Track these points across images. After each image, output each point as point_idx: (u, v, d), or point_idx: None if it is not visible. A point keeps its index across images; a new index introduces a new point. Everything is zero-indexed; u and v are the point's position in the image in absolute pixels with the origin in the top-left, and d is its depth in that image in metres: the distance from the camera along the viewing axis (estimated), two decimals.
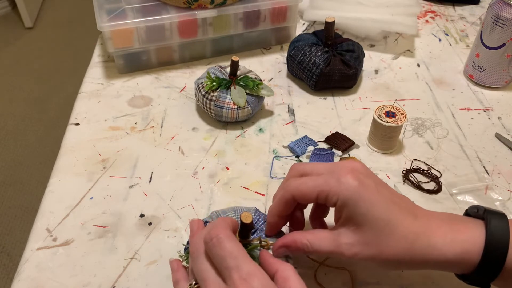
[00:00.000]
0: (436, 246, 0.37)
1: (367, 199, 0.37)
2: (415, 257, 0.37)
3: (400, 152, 0.61)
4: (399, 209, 0.38)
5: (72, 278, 0.46)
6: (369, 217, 0.37)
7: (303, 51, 0.68)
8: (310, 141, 0.61)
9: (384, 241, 0.37)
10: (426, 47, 0.82)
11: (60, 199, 0.54)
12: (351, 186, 0.37)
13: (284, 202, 0.41)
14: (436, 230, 0.38)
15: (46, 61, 2.23)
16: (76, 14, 2.59)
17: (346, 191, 0.37)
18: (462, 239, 0.37)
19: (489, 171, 0.58)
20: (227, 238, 0.34)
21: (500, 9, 0.65)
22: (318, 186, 0.39)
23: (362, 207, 0.37)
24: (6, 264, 1.38)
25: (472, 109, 0.68)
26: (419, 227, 0.38)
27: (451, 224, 0.38)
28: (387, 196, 0.38)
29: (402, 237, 0.37)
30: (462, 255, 0.36)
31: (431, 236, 0.37)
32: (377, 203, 0.37)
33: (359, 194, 0.37)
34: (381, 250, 0.37)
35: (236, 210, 0.45)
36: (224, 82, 0.62)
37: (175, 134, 0.63)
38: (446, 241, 0.37)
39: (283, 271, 0.35)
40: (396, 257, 0.37)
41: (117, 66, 0.73)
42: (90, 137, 0.62)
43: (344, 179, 0.38)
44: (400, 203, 0.39)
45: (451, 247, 0.37)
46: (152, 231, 0.50)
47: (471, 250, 0.36)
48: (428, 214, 0.40)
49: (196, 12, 0.70)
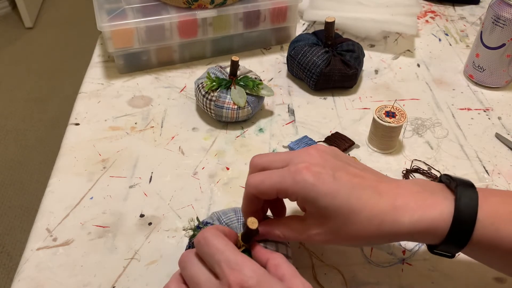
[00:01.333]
0: (403, 224, 0.36)
1: (325, 193, 0.36)
2: (383, 235, 0.37)
3: (400, 152, 0.61)
4: (362, 190, 0.37)
5: (72, 278, 0.46)
6: (331, 209, 0.37)
7: (303, 51, 0.68)
8: (310, 141, 0.61)
9: (351, 228, 0.37)
10: (426, 47, 0.82)
11: (60, 199, 0.54)
12: (307, 183, 0.37)
13: (249, 200, 0.41)
14: (403, 208, 0.37)
15: (46, 61, 2.23)
16: (76, 14, 2.59)
17: (303, 190, 0.37)
18: (430, 217, 0.36)
19: (489, 171, 0.58)
20: (212, 236, 0.35)
21: (500, 9, 0.65)
22: (275, 184, 0.38)
23: (322, 202, 0.37)
24: (6, 264, 1.38)
25: (472, 109, 0.68)
26: (384, 205, 0.37)
27: (419, 199, 0.37)
28: (346, 181, 0.37)
29: (367, 221, 0.37)
30: (429, 230, 0.36)
31: (398, 215, 0.37)
32: (337, 193, 0.37)
33: (316, 191, 0.36)
34: (350, 236, 0.37)
35: (236, 211, 0.45)
36: (224, 82, 0.62)
37: (175, 134, 0.63)
38: (413, 219, 0.36)
39: (274, 259, 0.36)
40: (364, 238, 0.37)
41: (117, 66, 0.73)
42: (90, 137, 0.62)
43: (299, 177, 0.37)
44: (361, 182, 0.38)
45: (418, 224, 0.36)
46: (152, 231, 0.50)
47: (438, 226, 0.36)
48: (394, 187, 0.38)
49: (196, 12, 0.70)
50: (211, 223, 0.44)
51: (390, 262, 0.48)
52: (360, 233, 0.37)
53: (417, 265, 0.47)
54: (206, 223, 0.44)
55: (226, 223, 0.44)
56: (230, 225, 0.43)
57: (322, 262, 0.47)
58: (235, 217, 0.44)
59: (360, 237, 0.37)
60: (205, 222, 0.44)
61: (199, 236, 0.36)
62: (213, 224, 0.43)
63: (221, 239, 0.35)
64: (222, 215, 0.44)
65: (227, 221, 0.44)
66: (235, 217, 0.44)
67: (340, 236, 0.38)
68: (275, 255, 0.37)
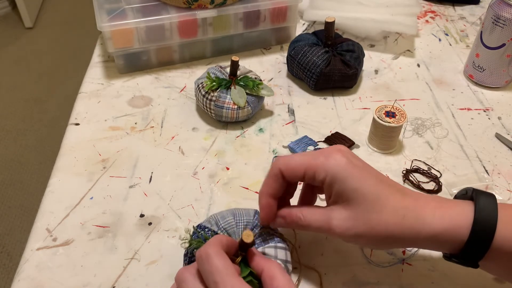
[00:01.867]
0: (425, 220, 0.37)
1: (356, 176, 0.38)
2: (405, 231, 0.37)
3: (400, 152, 0.61)
4: (388, 186, 0.39)
5: (72, 278, 0.46)
6: (359, 192, 0.37)
7: (303, 51, 0.68)
8: (310, 141, 0.61)
9: (375, 216, 0.37)
10: (426, 47, 0.82)
11: (60, 199, 0.54)
12: (340, 162, 0.38)
13: (273, 177, 0.41)
14: (425, 206, 0.38)
15: (46, 61, 2.23)
16: (76, 14, 2.59)
17: (335, 167, 0.38)
18: (451, 214, 0.37)
19: (489, 171, 0.58)
20: (215, 254, 0.35)
21: (500, 9, 0.65)
22: (306, 161, 0.39)
23: (352, 183, 0.37)
24: (6, 264, 1.38)
25: (472, 109, 0.68)
26: (408, 203, 0.38)
27: (440, 202, 0.39)
28: (375, 174, 0.39)
29: (392, 212, 0.37)
30: (451, 229, 0.37)
31: (420, 211, 0.38)
32: (366, 179, 0.38)
33: (348, 171, 0.38)
34: (372, 225, 0.37)
35: (235, 214, 0.44)
36: (224, 82, 0.62)
37: (175, 134, 0.63)
38: (435, 215, 0.37)
39: (269, 270, 0.36)
40: (386, 232, 0.37)
41: (117, 66, 0.73)
42: (90, 137, 0.62)
43: (333, 155, 0.39)
44: (388, 181, 0.40)
45: (440, 221, 0.37)
46: (152, 231, 0.50)
47: (460, 225, 0.37)
48: (416, 193, 0.40)
49: (196, 12, 0.70)
50: (208, 228, 0.43)
51: (390, 262, 0.48)
52: (383, 223, 0.37)
53: (417, 265, 0.47)
54: (203, 227, 0.44)
55: (224, 228, 0.43)
56: (228, 230, 0.43)
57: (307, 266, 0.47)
58: (233, 221, 0.44)
59: (382, 229, 0.37)
60: (203, 226, 0.44)
61: (202, 250, 0.35)
62: (211, 229, 0.43)
63: (222, 260, 0.34)
64: (220, 219, 0.44)
65: (225, 225, 0.43)
66: (233, 221, 0.44)
67: (362, 223, 0.37)
68: (271, 265, 0.36)
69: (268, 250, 0.42)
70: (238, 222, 0.44)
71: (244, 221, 0.44)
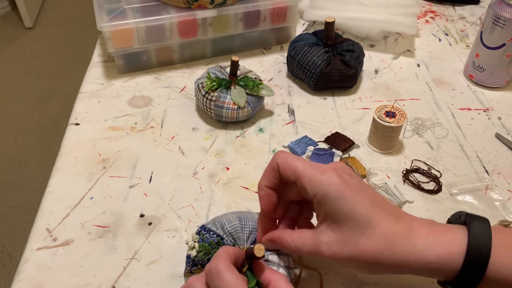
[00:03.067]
0: (417, 247, 0.36)
1: (347, 197, 0.36)
2: (396, 258, 0.36)
3: (400, 152, 0.61)
4: (381, 209, 0.37)
5: (72, 278, 0.46)
6: (349, 215, 0.36)
7: (303, 51, 0.68)
8: (310, 141, 0.61)
9: (364, 241, 0.36)
10: (426, 47, 0.82)
11: (60, 199, 0.54)
12: (332, 181, 0.37)
13: (270, 169, 0.41)
14: (418, 231, 0.37)
15: (46, 61, 2.23)
16: (76, 14, 2.59)
17: (327, 186, 0.37)
18: (444, 241, 0.36)
19: (489, 171, 0.58)
20: (226, 269, 0.34)
21: (500, 9, 0.65)
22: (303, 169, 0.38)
23: (342, 204, 0.36)
24: (6, 264, 1.38)
25: (472, 109, 0.68)
26: (400, 228, 0.37)
27: (433, 227, 0.38)
28: (369, 195, 0.38)
29: (382, 237, 0.36)
30: (443, 257, 0.36)
31: (412, 237, 0.37)
32: (359, 201, 0.37)
33: (340, 191, 0.37)
34: (361, 250, 0.36)
35: (241, 218, 0.44)
36: (224, 82, 0.62)
37: (175, 134, 0.63)
38: (427, 242, 0.36)
39: (275, 283, 0.36)
40: (376, 257, 0.36)
41: (117, 66, 0.73)
42: (90, 137, 0.62)
43: (327, 173, 0.37)
44: (383, 203, 0.38)
45: (433, 248, 0.36)
46: (152, 231, 0.50)
47: (453, 252, 0.36)
48: (410, 217, 0.39)
49: (196, 12, 0.70)
50: (213, 231, 0.43)
51: None
52: (372, 249, 0.36)
53: None
54: (208, 229, 0.43)
55: (230, 232, 0.43)
56: (234, 235, 0.43)
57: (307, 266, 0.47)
58: (239, 225, 0.43)
59: (371, 254, 0.36)
60: (208, 228, 0.43)
61: (212, 265, 0.35)
62: (216, 232, 0.43)
63: (233, 275, 0.34)
64: (226, 223, 0.43)
65: (231, 230, 0.43)
66: (239, 225, 0.43)
67: (350, 247, 0.36)
68: (277, 277, 0.36)
69: (271, 257, 0.42)
70: (244, 227, 0.43)
71: (250, 227, 0.43)
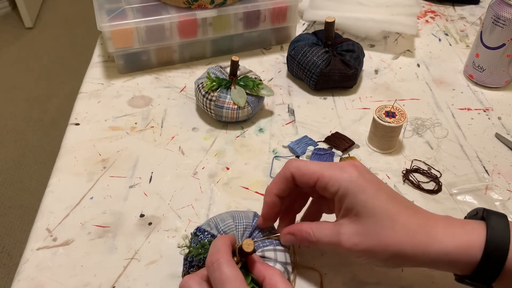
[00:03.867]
0: (437, 237, 0.37)
1: (368, 191, 0.38)
2: (416, 249, 0.37)
3: (400, 152, 0.61)
4: (399, 203, 0.39)
5: (72, 278, 0.46)
6: (370, 207, 0.37)
7: (303, 51, 0.68)
8: (310, 141, 0.61)
9: (385, 232, 0.37)
10: (426, 47, 0.82)
11: (60, 199, 0.54)
12: (353, 176, 0.38)
13: (283, 178, 0.41)
14: (437, 224, 0.38)
15: (46, 61, 2.23)
16: (76, 14, 2.59)
17: (348, 181, 0.38)
18: (463, 233, 0.37)
19: (489, 171, 0.58)
20: (226, 263, 0.35)
21: (500, 9, 0.65)
22: (320, 169, 0.39)
23: (363, 197, 0.37)
24: (6, 264, 1.38)
25: (472, 109, 0.68)
26: (419, 220, 0.38)
27: (450, 220, 0.39)
28: (388, 190, 0.39)
29: (402, 228, 0.37)
30: (463, 247, 0.36)
31: (432, 228, 0.37)
32: (378, 195, 0.38)
33: (361, 185, 0.38)
34: (381, 241, 0.37)
35: (234, 217, 0.44)
36: (224, 82, 0.62)
37: (175, 134, 0.63)
38: (447, 233, 0.37)
39: (270, 278, 0.36)
40: (396, 248, 0.37)
41: (117, 66, 0.73)
42: (90, 137, 0.62)
43: (347, 169, 0.39)
44: (400, 198, 0.40)
45: (452, 239, 0.37)
46: (152, 231, 0.50)
47: (472, 244, 0.36)
48: (427, 211, 0.40)
49: (196, 12, 0.70)
50: (208, 231, 0.43)
51: None
52: (392, 238, 0.37)
53: None
54: (203, 230, 0.44)
55: (224, 231, 0.43)
56: (228, 233, 0.43)
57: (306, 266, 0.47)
58: (233, 223, 0.44)
59: (392, 245, 0.37)
60: (203, 229, 0.44)
61: (213, 258, 0.36)
62: (210, 232, 0.43)
63: (233, 269, 0.35)
64: (220, 222, 0.44)
65: (225, 228, 0.43)
66: (233, 223, 0.44)
67: (371, 238, 0.37)
68: (272, 272, 0.37)
69: (268, 253, 0.42)
70: (238, 224, 0.44)
71: (244, 224, 0.44)
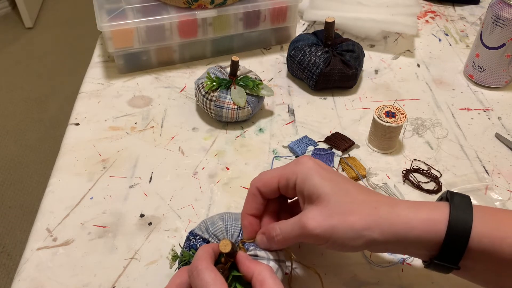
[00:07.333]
0: (401, 213, 0.37)
1: (324, 175, 0.39)
2: (381, 223, 0.37)
3: (400, 152, 0.61)
4: (358, 185, 0.40)
5: (72, 278, 0.46)
6: (329, 188, 0.38)
7: (303, 51, 0.68)
8: (310, 141, 0.61)
9: (347, 206, 0.38)
10: (426, 47, 0.82)
11: (60, 199, 0.54)
12: (309, 164, 0.40)
13: (251, 196, 0.42)
14: (399, 202, 0.39)
15: (46, 61, 2.23)
16: (76, 14, 2.59)
17: (305, 168, 0.39)
18: (427, 209, 0.37)
19: (489, 171, 0.58)
20: (205, 269, 0.35)
21: (500, 9, 0.65)
22: (279, 171, 0.41)
23: (321, 180, 0.38)
24: (6, 264, 1.38)
25: (472, 109, 0.68)
26: (381, 198, 0.39)
27: (413, 201, 0.39)
28: (344, 177, 0.41)
29: (364, 203, 0.38)
30: (428, 224, 0.36)
31: (394, 207, 0.38)
32: (336, 177, 0.39)
33: (317, 170, 0.39)
34: (345, 215, 0.37)
35: (224, 219, 0.44)
36: (224, 82, 0.62)
37: (175, 134, 0.63)
38: (410, 210, 0.37)
39: (258, 274, 0.36)
40: (362, 224, 0.37)
41: (117, 66, 0.73)
42: (90, 137, 0.62)
43: (301, 160, 0.40)
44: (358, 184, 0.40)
45: (416, 215, 0.37)
46: (152, 231, 0.50)
47: (437, 220, 0.36)
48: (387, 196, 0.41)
49: (196, 12, 0.70)
50: (199, 235, 0.44)
51: (390, 262, 0.48)
52: (356, 215, 0.37)
53: (417, 265, 0.47)
54: (195, 234, 0.44)
55: (214, 234, 0.43)
56: (219, 236, 0.43)
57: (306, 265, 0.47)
58: (223, 226, 0.44)
59: (356, 217, 0.37)
60: (195, 233, 0.44)
61: (193, 266, 0.36)
62: (202, 236, 0.43)
63: (211, 273, 0.35)
64: (210, 226, 0.44)
65: (215, 231, 0.43)
66: (223, 226, 0.44)
67: (334, 214, 0.37)
68: (260, 269, 0.37)
69: (260, 252, 0.42)
70: (228, 226, 0.44)
71: (234, 226, 0.44)
